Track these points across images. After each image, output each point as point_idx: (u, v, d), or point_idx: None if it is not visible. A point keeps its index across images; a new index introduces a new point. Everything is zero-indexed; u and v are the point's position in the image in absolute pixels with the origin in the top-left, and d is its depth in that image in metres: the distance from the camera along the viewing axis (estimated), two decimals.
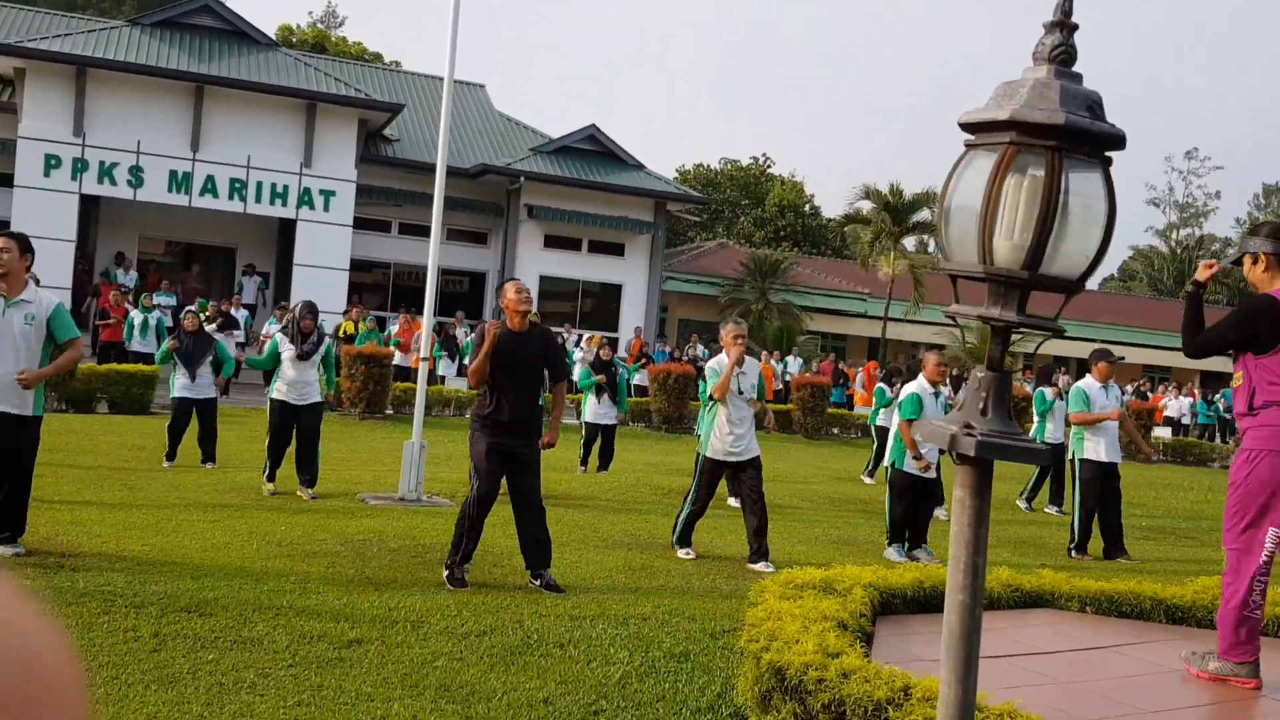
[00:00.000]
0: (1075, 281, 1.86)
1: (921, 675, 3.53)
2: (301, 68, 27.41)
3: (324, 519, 8.85)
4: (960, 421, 1.85)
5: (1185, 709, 3.95)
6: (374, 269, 30.81)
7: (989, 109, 1.84)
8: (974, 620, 1.93)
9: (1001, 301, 1.87)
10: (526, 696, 4.73)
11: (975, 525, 1.88)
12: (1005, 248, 1.82)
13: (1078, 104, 1.80)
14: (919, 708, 3.29)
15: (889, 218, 33.97)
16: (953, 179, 1.91)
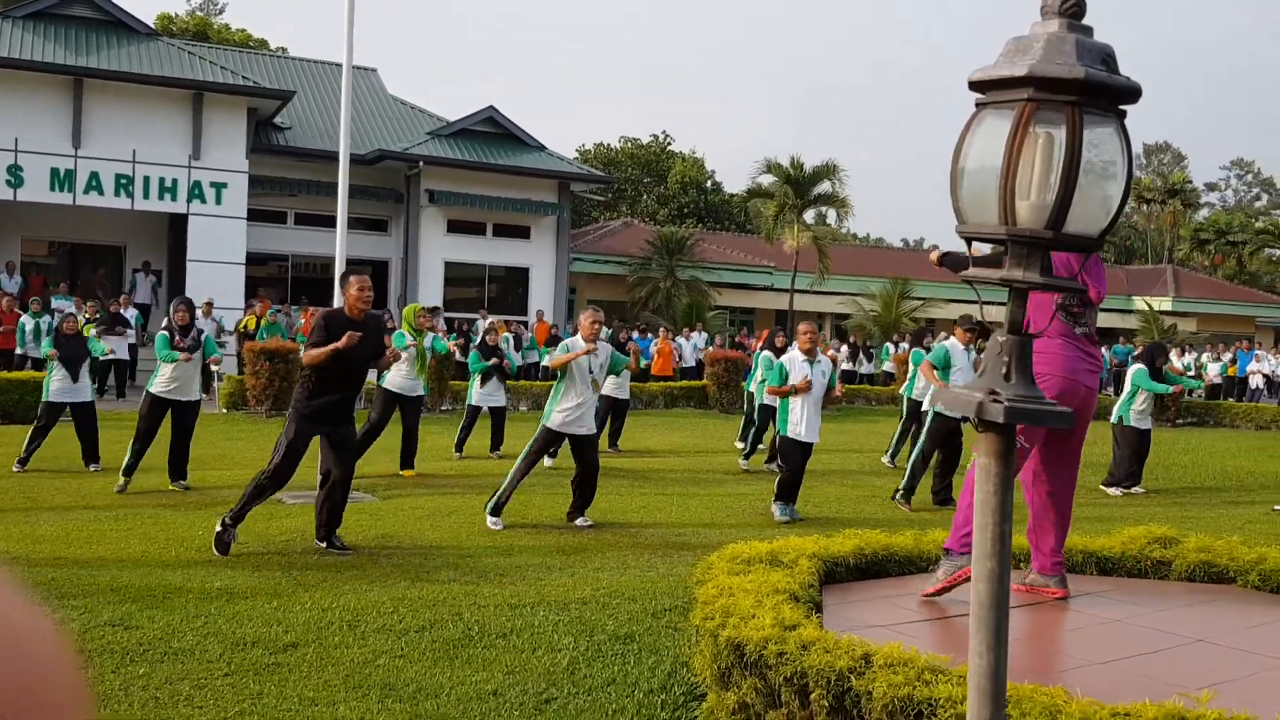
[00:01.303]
0: (1095, 239, 1.84)
1: (880, 642, 3.54)
2: (185, 57, 26.46)
3: (243, 522, 8.57)
4: (984, 388, 1.80)
5: (1130, 658, 4.04)
6: (271, 262, 30.02)
7: (1002, 65, 1.77)
8: (1004, 589, 1.91)
9: (1024, 263, 1.82)
10: (475, 690, 4.64)
11: (1002, 492, 1.84)
12: (1026, 207, 1.77)
13: (1094, 57, 1.76)
14: (882, 674, 3.29)
15: (791, 191, 34.26)
16: (965, 141, 1.84)
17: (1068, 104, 1.72)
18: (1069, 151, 1.69)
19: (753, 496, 10.82)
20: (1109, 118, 1.78)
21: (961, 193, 1.82)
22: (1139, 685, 3.55)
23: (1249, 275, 59.98)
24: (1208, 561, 5.38)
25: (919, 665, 3.29)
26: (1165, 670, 3.84)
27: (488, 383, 13.09)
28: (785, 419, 9.44)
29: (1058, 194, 1.71)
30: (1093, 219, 1.79)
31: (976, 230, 1.84)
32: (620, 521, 9.06)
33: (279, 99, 26.91)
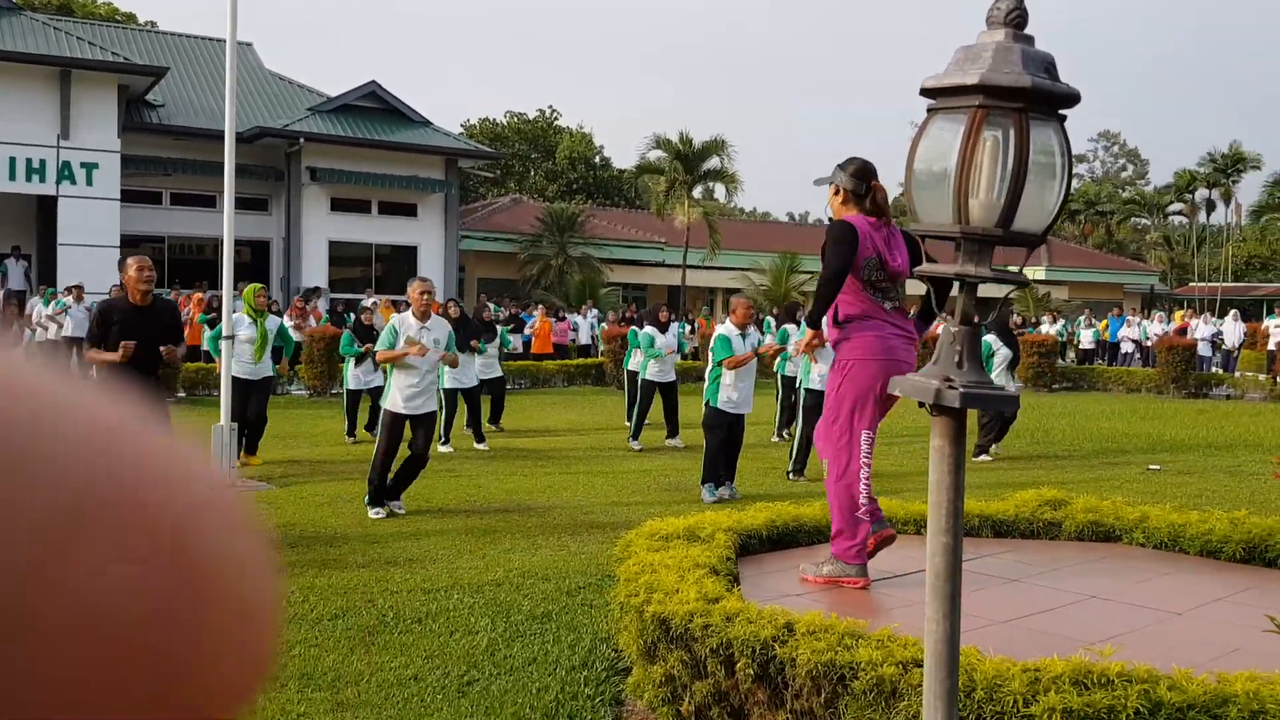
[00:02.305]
0: (1039, 235, 1.96)
1: (799, 611, 3.66)
2: (50, 32, 25.27)
3: None
4: (940, 375, 1.92)
5: (1031, 615, 4.25)
6: (146, 243, 28.98)
7: (953, 74, 1.90)
8: (956, 560, 2.02)
9: (975, 259, 1.94)
10: (395, 675, 4.64)
11: (954, 472, 1.96)
12: (978, 206, 1.90)
13: (1037, 66, 1.89)
14: (804, 641, 3.41)
15: (681, 167, 34.45)
16: (918, 143, 1.97)
17: (1015, 110, 1.86)
18: (1018, 155, 1.83)
19: (656, 472, 10.94)
20: (1051, 121, 1.93)
21: (916, 194, 1.93)
22: (1042, 642, 3.75)
23: (1117, 244, 62.63)
24: (1095, 521, 5.67)
25: (839, 631, 3.41)
26: (1065, 626, 4.05)
27: (363, 364, 12.83)
28: (716, 391, 9.33)
29: (1007, 194, 1.83)
30: (1038, 216, 1.94)
31: (931, 228, 1.96)
32: (527, 503, 9.08)
33: (151, 75, 25.93)
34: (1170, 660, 3.31)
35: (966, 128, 1.89)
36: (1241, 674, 2.99)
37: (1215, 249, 60.37)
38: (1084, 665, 2.99)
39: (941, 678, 2.07)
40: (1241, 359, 28.41)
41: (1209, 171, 53.44)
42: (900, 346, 4.79)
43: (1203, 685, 2.93)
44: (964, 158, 1.87)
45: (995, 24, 1.93)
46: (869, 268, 4.73)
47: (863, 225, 4.79)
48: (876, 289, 4.76)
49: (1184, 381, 22.26)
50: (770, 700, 3.51)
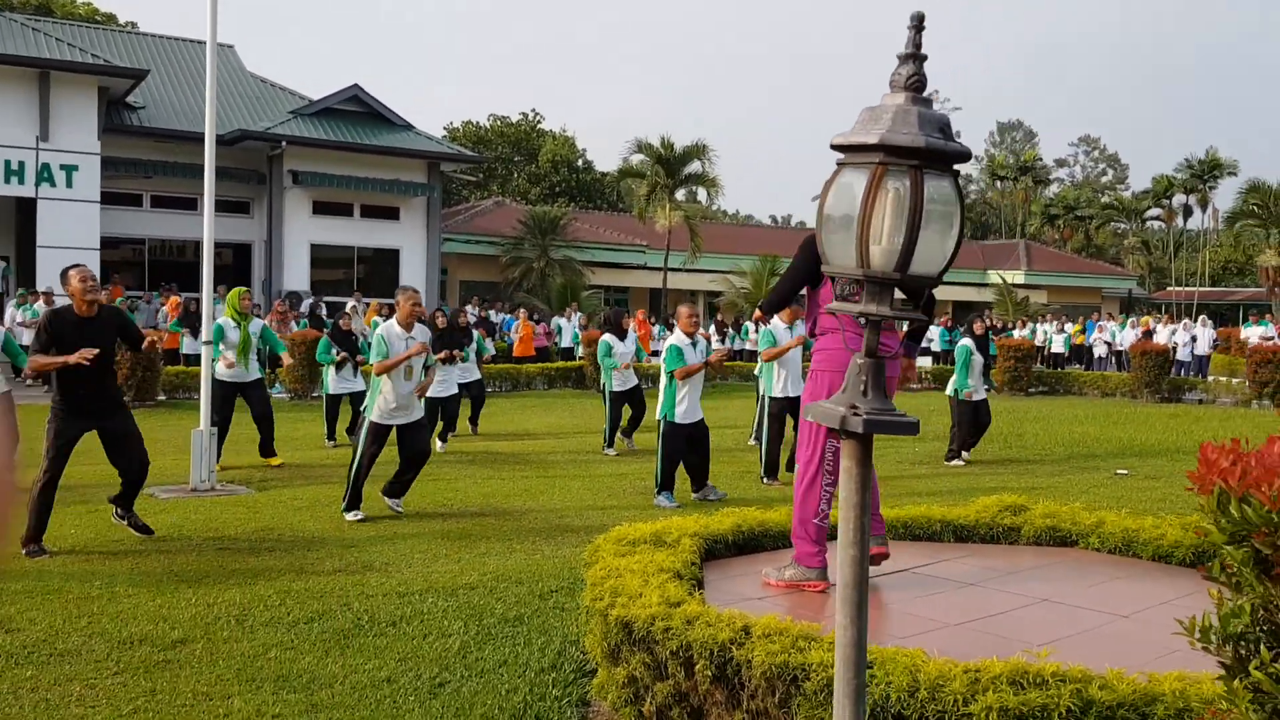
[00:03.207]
0: (935, 278, 2.14)
1: (758, 614, 3.80)
2: (29, 33, 25.24)
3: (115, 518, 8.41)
4: (846, 403, 2.11)
5: (984, 619, 4.40)
6: (127, 245, 28.97)
7: (858, 133, 2.12)
8: (864, 571, 2.18)
9: (877, 298, 2.12)
10: (368, 677, 4.76)
11: (861, 490, 2.13)
12: (878, 252, 2.11)
13: (932, 127, 2.10)
14: (760, 644, 3.55)
15: (662, 170, 34.65)
16: (828, 191, 2.17)
17: (912, 167, 2.05)
18: (912, 206, 2.01)
19: (633, 476, 11.07)
20: (946, 175, 2.13)
21: (826, 238, 2.12)
22: (989, 644, 3.90)
23: (1096, 248, 63.20)
24: (1053, 527, 5.84)
25: (793, 634, 3.55)
26: (1013, 629, 4.21)
27: (343, 369, 12.93)
28: (671, 403, 9.50)
29: (904, 241, 2.02)
30: (933, 261, 2.13)
31: (839, 270, 2.14)
32: (503, 507, 9.20)
33: (132, 78, 25.95)
34: (1112, 661, 3.46)
35: (868, 181, 2.08)
36: (1171, 674, 3.15)
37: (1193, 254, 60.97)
38: (1021, 666, 3.14)
39: (849, 678, 2.22)
40: (1213, 363, 28.74)
41: (1186, 177, 54.01)
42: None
43: (1133, 685, 3.08)
44: (865, 208, 2.06)
45: (897, 88, 2.14)
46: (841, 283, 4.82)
47: None
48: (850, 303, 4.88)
49: (1157, 386, 22.55)
50: (728, 701, 3.65)
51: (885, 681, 3.18)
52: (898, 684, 3.16)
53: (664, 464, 9.50)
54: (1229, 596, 2.23)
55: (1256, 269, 50.08)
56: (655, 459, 9.63)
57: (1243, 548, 2.12)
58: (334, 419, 13.15)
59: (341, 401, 13.15)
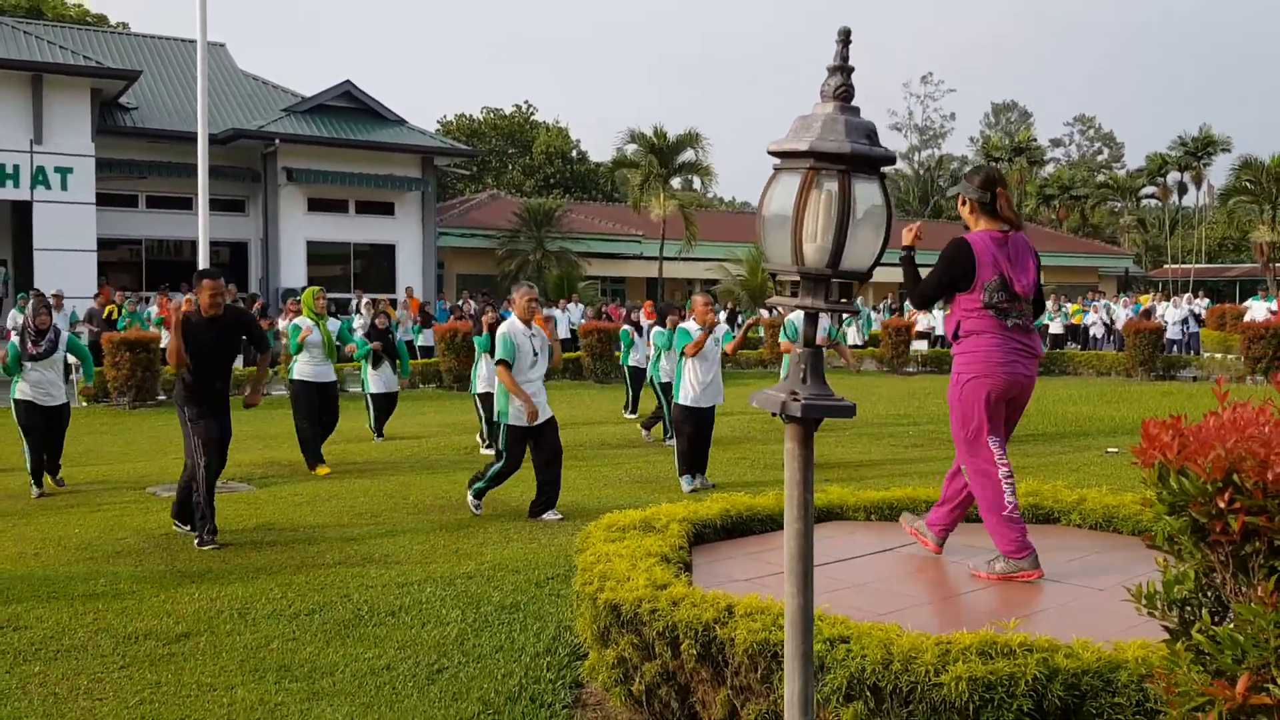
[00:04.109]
0: (865, 273, 2.29)
1: (740, 594, 3.92)
2: (21, 36, 25.31)
3: (118, 516, 8.56)
4: (787, 390, 2.26)
5: (961, 595, 4.54)
6: (123, 246, 29.08)
7: (790, 140, 2.29)
8: (808, 544, 2.31)
9: (812, 293, 2.27)
10: (368, 665, 4.89)
11: (804, 469, 2.27)
12: (811, 250, 2.27)
13: (859, 134, 2.26)
14: (742, 622, 3.68)
15: (656, 160, 34.74)
16: (766, 195, 2.34)
17: (840, 171, 2.20)
18: (840, 208, 2.15)
19: (629, 465, 11.20)
20: (873, 178, 2.29)
21: (765, 237, 2.27)
22: (965, 618, 4.03)
23: (1092, 228, 63.26)
24: (1035, 504, 5.95)
25: (774, 612, 3.68)
26: (989, 604, 4.34)
27: (380, 366, 12.99)
28: (680, 387, 9.59)
29: (834, 240, 2.17)
30: (862, 257, 2.30)
31: (777, 268, 2.30)
32: (501, 497, 9.32)
33: (124, 79, 26.04)
34: (1084, 632, 3.58)
35: (800, 185, 2.22)
36: (1135, 642, 3.27)
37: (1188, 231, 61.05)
38: (990, 637, 3.27)
39: (798, 642, 2.35)
40: (1207, 340, 28.86)
41: (1180, 155, 54.05)
42: (1019, 360, 4.78)
43: (1097, 653, 3.21)
44: (799, 210, 2.21)
45: (826, 98, 2.30)
46: (990, 290, 4.69)
47: (984, 243, 4.73)
48: (998, 309, 4.72)
49: (1152, 364, 22.68)
50: (713, 678, 3.78)
51: (860, 655, 3.31)
52: (872, 657, 3.28)
53: (678, 445, 9.66)
54: (1173, 564, 2.36)
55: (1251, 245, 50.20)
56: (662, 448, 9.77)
57: (1181, 517, 2.24)
58: (380, 416, 13.21)
59: (381, 400, 13.18)
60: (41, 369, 9.53)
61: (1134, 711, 3.10)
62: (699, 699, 3.88)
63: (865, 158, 2.24)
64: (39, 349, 9.48)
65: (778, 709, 3.56)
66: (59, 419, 9.79)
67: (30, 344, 9.47)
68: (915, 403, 17.68)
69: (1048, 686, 3.11)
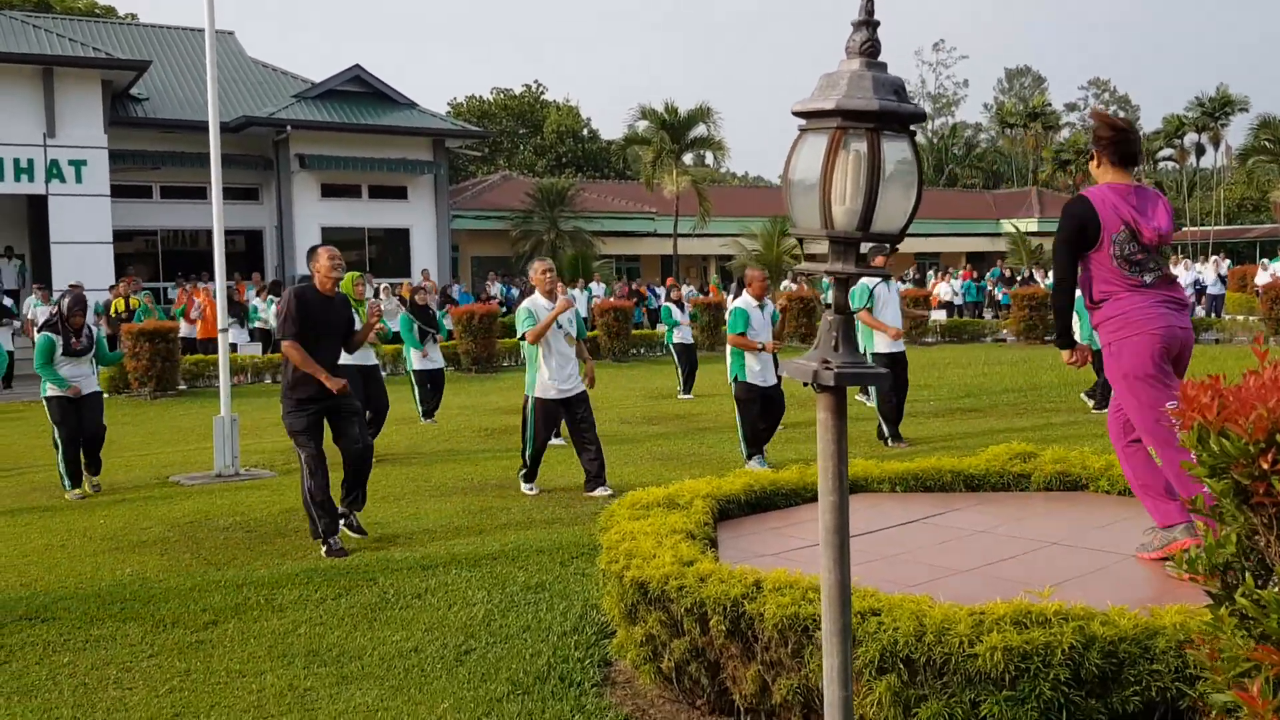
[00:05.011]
0: (897, 235, 2.22)
1: (768, 569, 3.89)
2: (30, 30, 25.31)
3: (142, 506, 8.59)
4: (818, 358, 2.20)
5: (992, 564, 4.48)
6: (139, 237, 29.15)
7: (816, 99, 2.21)
8: (843, 518, 2.27)
9: (842, 258, 2.20)
10: (396, 648, 4.88)
11: (838, 441, 2.21)
12: (841, 213, 2.20)
13: (887, 90, 2.19)
14: (771, 597, 3.64)
15: (668, 136, 34.56)
16: (792, 157, 2.26)
17: (868, 129, 2.12)
18: (870, 167, 2.08)
19: (649, 443, 11.18)
20: (902, 136, 2.21)
21: (792, 202, 2.20)
22: (996, 587, 3.98)
23: None
24: (1063, 472, 5.89)
25: (803, 586, 3.64)
26: (1021, 573, 4.29)
27: (425, 342, 12.95)
28: (742, 364, 9.47)
29: (864, 201, 2.09)
30: (893, 218, 2.22)
31: (805, 232, 2.22)
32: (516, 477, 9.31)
33: (134, 69, 26.02)
34: (1118, 599, 3.54)
35: (828, 146, 2.15)
36: (1171, 608, 3.22)
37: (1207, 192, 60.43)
38: (1024, 606, 3.22)
39: (835, 616, 2.31)
40: (1229, 302, 28.59)
41: (1197, 115, 53.47)
42: (1171, 313, 4.41)
43: (1134, 620, 3.16)
44: (827, 171, 2.14)
45: (852, 54, 2.22)
46: (1118, 243, 4.39)
47: (1106, 196, 4.43)
48: (1131, 263, 4.40)
49: None
50: (743, 653, 3.75)
51: (893, 627, 3.27)
52: (905, 629, 3.24)
53: (742, 426, 9.51)
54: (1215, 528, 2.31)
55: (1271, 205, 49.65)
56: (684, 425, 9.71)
57: (1223, 480, 2.19)
58: (427, 395, 13.23)
59: (426, 376, 13.16)
60: (76, 363, 9.52)
61: (1173, 678, 3.06)
62: (729, 675, 3.85)
63: (894, 114, 2.17)
64: (80, 344, 9.43)
65: (809, 683, 3.53)
66: (93, 407, 9.69)
67: (73, 339, 9.40)
68: (935, 373, 17.58)
69: (1084, 655, 3.07)
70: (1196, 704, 3.06)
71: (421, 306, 13.06)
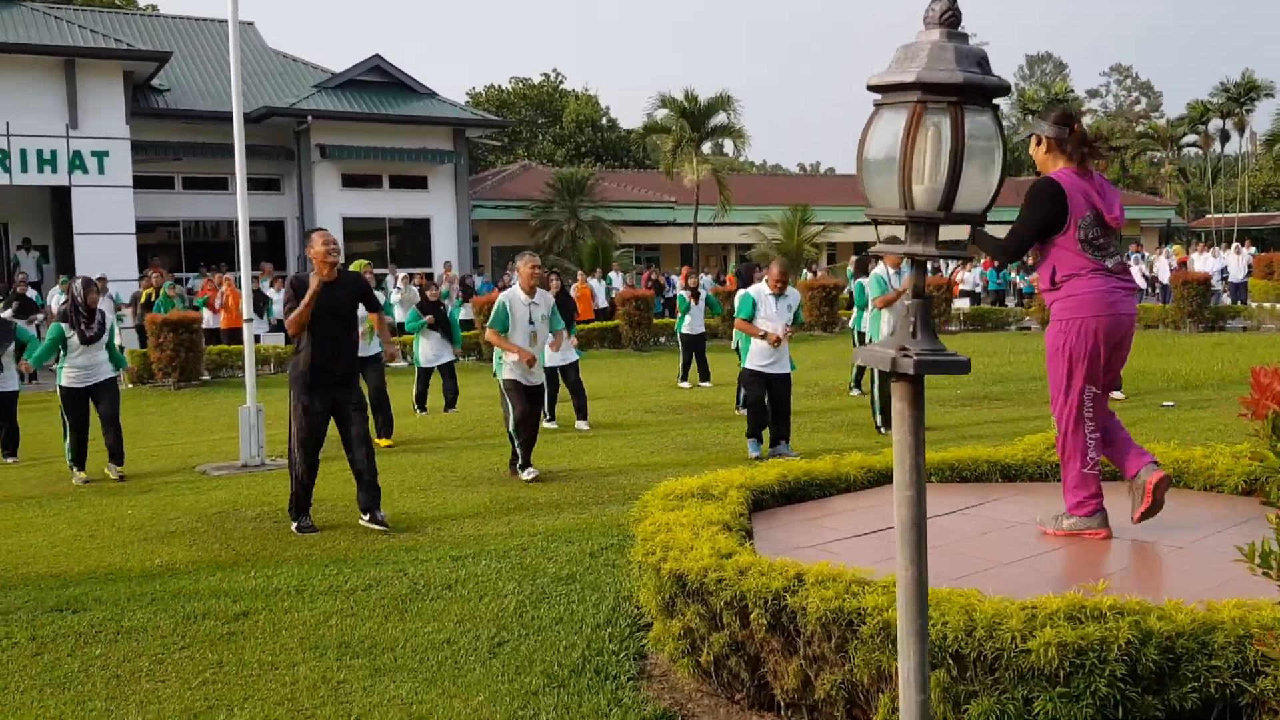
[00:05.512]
0: (980, 214, 2.13)
1: (808, 562, 3.82)
2: (53, 22, 25.37)
3: (169, 497, 8.58)
4: (896, 345, 2.11)
5: (1036, 556, 4.40)
6: (161, 228, 29.24)
7: (894, 72, 2.11)
8: (921, 511, 2.18)
9: (922, 239, 2.12)
10: (428, 640, 4.84)
11: (915, 432, 2.13)
12: (921, 192, 2.09)
13: (969, 62, 2.09)
14: (814, 590, 3.57)
15: (688, 124, 34.38)
16: (867, 134, 2.17)
17: (951, 103, 2.03)
18: (954, 144, 1.99)
19: (674, 433, 11.11)
20: (985, 110, 2.12)
21: (868, 181, 2.11)
22: (1044, 580, 3.90)
23: (1132, 179, 62.10)
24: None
25: (846, 579, 3.57)
26: (1065, 565, 4.21)
27: (433, 337, 12.94)
28: (747, 350, 9.45)
29: (946, 179, 2.01)
30: (977, 198, 2.12)
31: (882, 213, 2.14)
32: (548, 468, 9.27)
33: (155, 60, 26.05)
34: (1168, 592, 3.45)
35: (907, 121, 2.06)
36: (1229, 602, 3.14)
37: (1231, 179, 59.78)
38: (1078, 601, 3.14)
39: (913, 616, 2.23)
40: (1254, 289, 28.28)
41: (1222, 101, 52.88)
42: (1122, 300, 4.63)
43: (1191, 614, 3.08)
44: (906, 149, 2.05)
45: (931, 24, 2.12)
46: (1085, 226, 4.53)
47: (1070, 180, 4.56)
48: (1095, 247, 4.54)
49: (1200, 315, 22.25)
50: (784, 647, 3.68)
51: (942, 622, 3.19)
52: (954, 624, 3.17)
53: (746, 411, 9.58)
54: None
55: None
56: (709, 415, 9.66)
57: None
58: (425, 388, 13.23)
59: (432, 373, 13.17)
60: (90, 352, 9.53)
61: (1232, 674, 2.98)
62: (770, 669, 3.79)
63: (979, 87, 2.07)
64: (91, 331, 9.45)
65: (853, 678, 3.47)
66: (109, 393, 9.68)
67: (84, 326, 9.43)
68: None
69: (1141, 651, 2.99)
70: (1257, 699, 2.98)
71: (433, 302, 13.07)
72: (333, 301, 7.12)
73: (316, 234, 7.22)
